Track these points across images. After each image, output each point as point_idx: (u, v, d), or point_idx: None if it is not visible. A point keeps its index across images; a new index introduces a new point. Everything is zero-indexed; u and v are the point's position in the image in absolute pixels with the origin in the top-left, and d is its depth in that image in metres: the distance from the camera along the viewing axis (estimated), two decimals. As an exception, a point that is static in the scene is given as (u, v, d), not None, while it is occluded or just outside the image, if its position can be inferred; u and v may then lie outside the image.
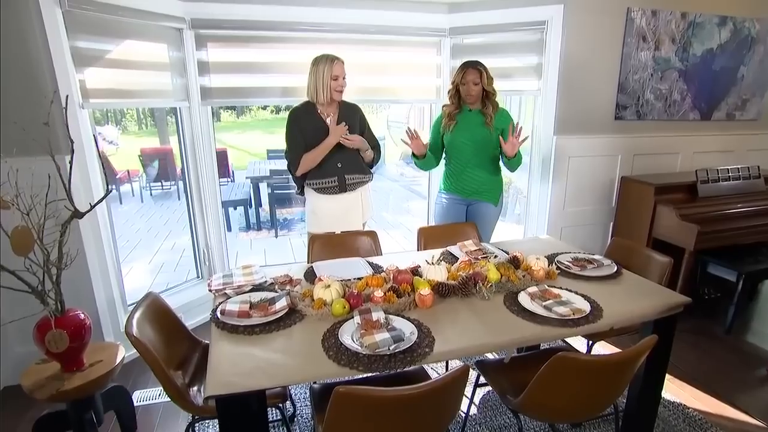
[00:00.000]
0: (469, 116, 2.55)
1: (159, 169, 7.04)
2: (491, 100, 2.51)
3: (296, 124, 2.41)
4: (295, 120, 2.42)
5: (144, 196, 7.29)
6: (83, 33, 2.16)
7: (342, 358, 1.32)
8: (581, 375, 1.33)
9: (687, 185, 3.03)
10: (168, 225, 5.97)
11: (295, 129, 2.40)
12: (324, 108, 2.42)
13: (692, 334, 2.84)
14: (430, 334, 1.44)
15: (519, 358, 1.84)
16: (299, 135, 2.39)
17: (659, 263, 2.02)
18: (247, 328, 1.49)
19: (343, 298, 1.60)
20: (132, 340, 1.39)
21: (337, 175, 2.45)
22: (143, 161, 7.07)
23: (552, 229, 3.18)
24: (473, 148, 2.53)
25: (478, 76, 2.45)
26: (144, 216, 6.44)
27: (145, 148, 7.28)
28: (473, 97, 2.49)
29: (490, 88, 2.49)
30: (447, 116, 2.58)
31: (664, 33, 3.10)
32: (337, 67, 2.35)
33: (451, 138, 2.58)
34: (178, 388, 1.47)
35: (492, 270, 1.79)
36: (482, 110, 2.52)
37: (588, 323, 1.52)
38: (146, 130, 15.14)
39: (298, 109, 2.44)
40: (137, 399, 2.22)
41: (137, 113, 16.08)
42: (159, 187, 7.49)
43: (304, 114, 2.42)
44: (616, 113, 3.14)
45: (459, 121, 2.57)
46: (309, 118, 2.41)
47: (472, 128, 2.52)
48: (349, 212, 2.54)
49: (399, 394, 1.11)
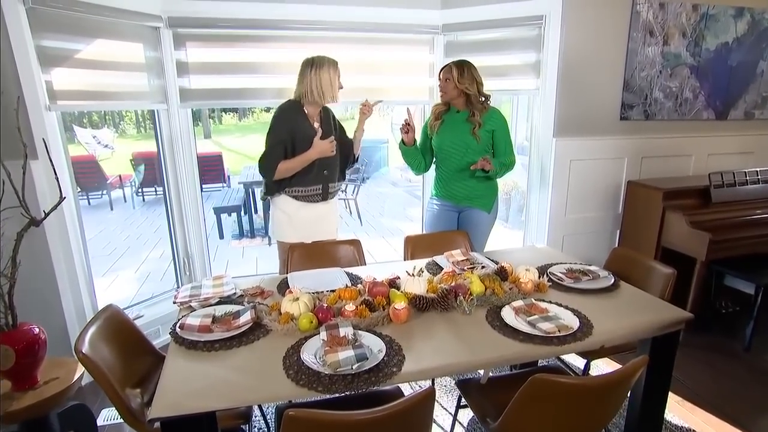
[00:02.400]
0: (456, 118, 2.52)
1: (151, 174, 7.08)
2: (474, 104, 2.47)
3: (287, 124, 2.32)
4: (286, 120, 2.33)
5: (136, 202, 7.34)
6: (49, 31, 2.16)
7: (301, 378, 1.27)
8: (562, 399, 1.27)
9: (699, 190, 2.95)
10: (158, 232, 5.99)
11: (284, 130, 2.31)
12: (311, 110, 2.37)
13: (707, 351, 2.75)
14: (400, 351, 1.39)
15: (506, 377, 1.78)
16: (287, 137, 2.30)
17: (662, 275, 1.95)
18: (206, 343, 1.45)
19: (311, 312, 1.56)
20: (79, 356, 1.36)
21: (322, 183, 2.41)
22: (135, 165, 7.12)
23: (552, 238, 3.11)
24: (461, 154, 2.50)
25: (449, 71, 2.44)
26: (134, 223, 6.47)
27: (138, 152, 7.34)
28: (446, 94, 2.48)
29: (465, 88, 2.43)
30: (434, 115, 2.58)
31: (674, 26, 3.03)
32: (338, 70, 2.35)
33: (438, 141, 2.56)
34: (130, 408, 1.43)
35: (476, 282, 1.74)
36: (469, 118, 2.48)
37: (575, 341, 1.46)
38: (144, 133, 15.34)
39: (289, 109, 2.35)
40: (103, 419, 2.19)
41: (136, 116, 16.31)
42: (152, 192, 7.54)
43: (295, 114, 2.34)
44: (622, 113, 3.07)
45: (445, 121, 2.54)
46: (300, 119, 2.33)
47: (458, 132, 2.49)
48: (325, 221, 2.49)
49: (353, 418, 1.06)
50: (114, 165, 8.05)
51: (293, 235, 2.43)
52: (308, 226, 2.44)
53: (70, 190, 2.35)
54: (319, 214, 2.46)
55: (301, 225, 2.43)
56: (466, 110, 2.50)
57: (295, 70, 2.94)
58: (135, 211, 7.08)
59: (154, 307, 2.92)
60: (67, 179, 2.33)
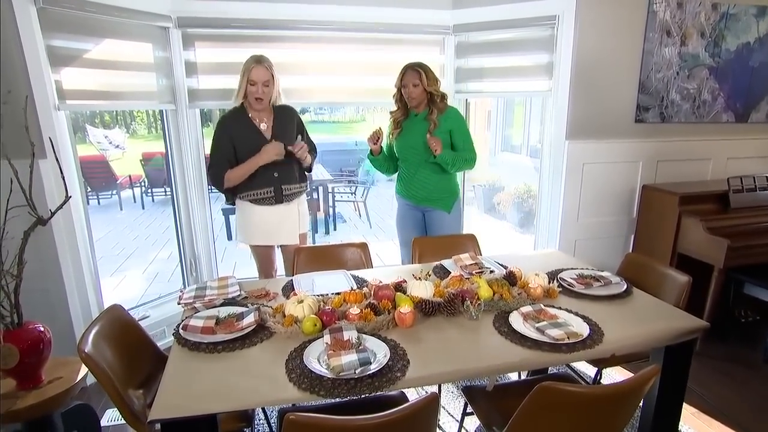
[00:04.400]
0: (414, 122, 2.54)
1: (161, 174, 7.17)
2: (436, 103, 2.48)
3: (225, 132, 2.31)
4: (225, 128, 2.31)
5: (146, 202, 7.42)
6: (59, 31, 2.20)
7: (304, 382, 1.27)
8: (570, 408, 1.25)
9: (717, 195, 2.90)
10: (167, 233, 6.05)
11: (224, 139, 2.30)
12: (256, 113, 2.34)
13: (725, 361, 2.69)
14: (405, 356, 1.39)
15: (513, 384, 1.76)
16: (227, 145, 2.30)
17: (677, 282, 1.91)
18: (209, 345, 1.47)
19: (315, 315, 1.56)
20: (82, 356, 1.38)
21: (273, 186, 2.38)
22: (145, 166, 7.21)
23: (564, 242, 3.08)
24: (418, 155, 2.53)
25: (417, 77, 2.42)
26: (143, 223, 6.54)
27: (147, 152, 7.43)
28: (415, 100, 2.48)
29: (433, 89, 2.46)
30: (393, 123, 2.60)
31: (692, 26, 2.98)
32: (256, 71, 2.23)
33: (398, 145, 2.59)
34: (132, 409, 1.44)
35: (483, 287, 1.72)
36: (427, 117, 2.49)
37: (585, 348, 1.44)
38: (155, 134, 15.53)
39: (227, 117, 2.35)
40: (107, 419, 2.20)
41: (147, 116, 16.52)
42: (162, 192, 7.63)
43: (233, 121, 2.32)
44: (637, 115, 3.03)
45: (404, 128, 2.57)
46: (239, 125, 2.31)
47: (416, 135, 2.50)
48: (285, 223, 2.47)
49: (353, 424, 1.06)
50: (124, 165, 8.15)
51: (252, 237, 2.44)
52: (268, 228, 2.43)
53: (77, 189, 2.38)
54: (278, 217, 2.43)
55: (258, 228, 2.42)
56: (425, 110, 2.52)
57: (303, 71, 2.97)
58: (144, 211, 7.17)
59: (160, 307, 2.95)
60: (75, 179, 2.36)
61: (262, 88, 2.25)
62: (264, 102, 2.29)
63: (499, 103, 7.06)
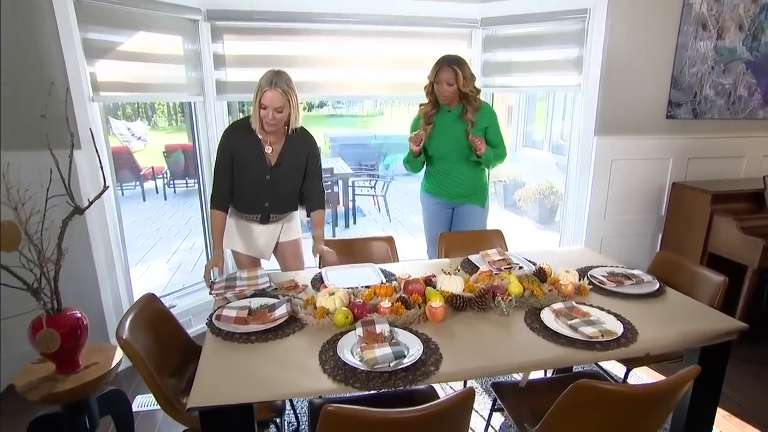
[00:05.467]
0: (447, 118, 2.44)
1: (182, 166, 7.27)
2: (471, 102, 2.39)
3: (227, 144, 2.09)
4: (227, 140, 2.10)
5: (168, 194, 7.54)
6: (95, 24, 2.24)
7: (338, 374, 1.28)
8: (606, 407, 1.24)
9: (751, 193, 2.83)
10: (189, 224, 6.14)
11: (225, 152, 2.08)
12: (265, 136, 2.09)
13: (756, 364, 2.64)
14: (437, 351, 1.39)
15: (543, 381, 1.75)
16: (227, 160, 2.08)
17: (712, 282, 1.88)
18: (243, 335, 1.48)
19: (347, 308, 1.57)
20: (120, 343, 1.41)
21: (261, 213, 2.23)
22: (168, 157, 7.32)
23: (590, 239, 3.04)
24: (457, 153, 2.46)
25: (453, 76, 2.31)
26: (165, 214, 6.65)
27: (170, 144, 7.53)
28: (447, 98, 2.39)
29: (468, 90, 2.36)
30: (424, 117, 2.46)
31: (730, 19, 2.90)
32: (269, 95, 1.93)
33: (434, 144, 2.48)
34: (168, 396, 1.47)
35: (514, 283, 1.71)
36: (462, 116, 2.41)
37: (619, 347, 1.43)
38: (176, 126, 15.74)
39: (235, 128, 2.13)
40: (137, 405, 2.26)
41: (167, 109, 16.74)
42: (183, 184, 7.74)
43: (239, 134, 2.08)
44: (668, 111, 2.97)
45: (437, 124, 2.45)
46: (244, 140, 2.08)
47: (453, 134, 2.43)
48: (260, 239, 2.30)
49: (391, 417, 1.06)
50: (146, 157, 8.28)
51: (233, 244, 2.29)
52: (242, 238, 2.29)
53: (110, 179, 2.43)
54: (256, 233, 2.29)
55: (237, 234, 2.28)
56: (457, 107, 2.43)
57: (328, 64, 2.98)
58: (166, 202, 7.28)
59: (186, 297, 3.00)
60: (108, 169, 2.40)
61: (274, 114, 1.96)
62: (275, 127, 2.04)
63: (521, 98, 6.97)
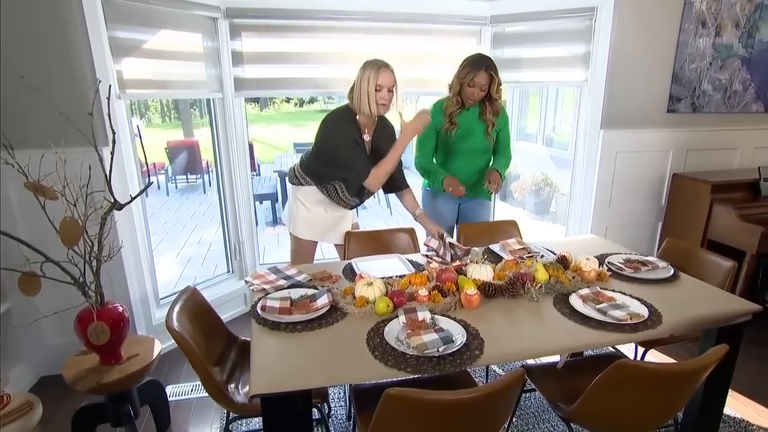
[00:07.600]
0: (468, 117, 2.41)
1: (186, 162, 7.20)
2: (493, 105, 2.38)
3: (350, 133, 2.09)
4: (345, 123, 2.10)
5: (169, 189, 7.47)
6: (121, 23, 2.21)
7: (389, 359, 1.31)
8: (642, 385, 1.29)
9: (747, 183, 2.92)
10: (194, 218, 6.10)
11: (352, 140, 2.08)
12: (362, 121, 2.13)
13: (755, 345, 2.72)
14: (478, 335, 1.43)
15: (572, 363, 1.80)
16: (358, 142, 2.10)
17: (721, 268, 1.94)
18: (288, 325, 1.50)
19: (386, 296, 1.59)
20: (174, 335, 1.42)
21: (360, 198, 2.30)
22: (169, 154, 7.24)
23: (596, 228, 3.11)
24: (474, 154, 2.47)
25: (488, 82, 2.26)
26: (170, 209, 6.60)
27: (171, 140, 7.44)
28: (474, 101, 2.35)
29: (497, 96, 2.34)
30: (448, 118, 2.39)
31: (727, 17, 2.96)
32: (383, 75, 2.00)
33: (456, 144, 2.45)
34: (219, 385, 1.49)
35: (540, 270, 1.76)
36: (482, 116, 2.40)
37: (647, 329, 1.48)
38: (170, 122, 15.53)
39: (344, 115, 2.12)
40: (169, 394, 2.27)
41: (161, 105, 16.50)
42: (184, 180, 7.67)
43: (351, 124, 2.10)
44: (669, 106, 3.03)
45: (460, 125, 2.40)
46: (353, 127, 2.11)
47: (474, 135, 2.42)
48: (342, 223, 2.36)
49: (452, 398, 1.10)
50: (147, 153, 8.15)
51: (307, 232, 2.32)
52: (326, 225, 2.33)
53: (135, 176, 2.41)
54: (338, 217, 2.34)
55: (318, 223, 2.31)
56: (476, 106, 2.42)
57: (342, 60, 2.97)
58: (169, 198, 7.21)
59: (207, 290, 2.98)
60: (134, 165, 2.39)
61: (388, 93, 2.03)
62: (387, 108, 2.08)
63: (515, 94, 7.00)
